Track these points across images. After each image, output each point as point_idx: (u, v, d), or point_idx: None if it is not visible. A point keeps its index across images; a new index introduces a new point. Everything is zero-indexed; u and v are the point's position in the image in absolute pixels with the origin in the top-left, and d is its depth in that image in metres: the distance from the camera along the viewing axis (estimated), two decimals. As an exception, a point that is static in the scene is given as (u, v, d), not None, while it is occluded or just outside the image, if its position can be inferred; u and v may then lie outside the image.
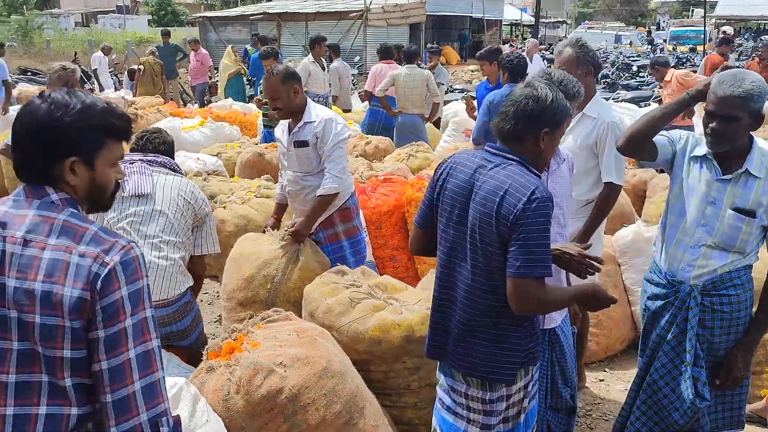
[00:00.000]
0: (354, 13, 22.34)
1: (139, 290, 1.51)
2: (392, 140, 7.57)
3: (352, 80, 16.76)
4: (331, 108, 7.04)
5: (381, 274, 3.94)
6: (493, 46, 7.23)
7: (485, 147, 2.27)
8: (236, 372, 2.46)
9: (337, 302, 3.06)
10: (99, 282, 1.46)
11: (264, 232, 3.90)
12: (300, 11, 24.11)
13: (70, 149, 1.52)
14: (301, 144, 3.73)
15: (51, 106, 1.51)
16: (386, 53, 8.33)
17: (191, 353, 3.20)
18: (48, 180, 1.54)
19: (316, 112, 3.72)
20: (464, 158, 2.28)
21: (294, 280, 3.57)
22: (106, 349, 1.47)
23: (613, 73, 18.39)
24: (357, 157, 6.87)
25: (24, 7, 34.87)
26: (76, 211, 1.55)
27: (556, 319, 2.63)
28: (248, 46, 13.75)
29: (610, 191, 3.22)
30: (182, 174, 3.44)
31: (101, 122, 1.55)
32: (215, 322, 4.74)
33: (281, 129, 3.90)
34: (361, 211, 4.44)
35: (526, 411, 2.35)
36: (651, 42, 30.62)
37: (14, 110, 8.83)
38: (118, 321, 1.48)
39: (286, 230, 3.69)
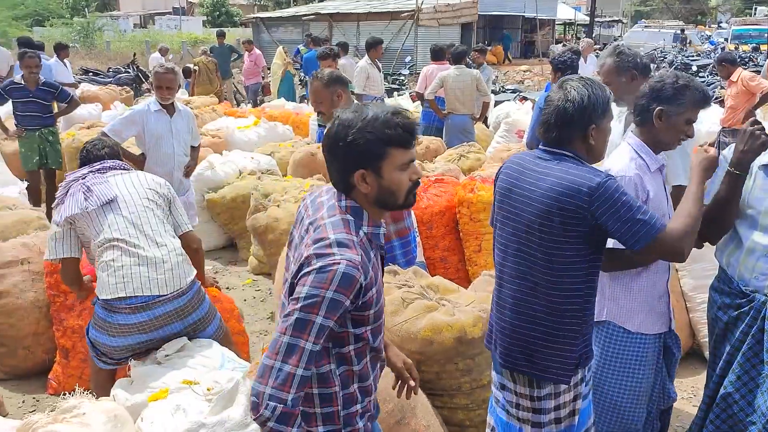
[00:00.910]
0: (405, 14, 22.35)
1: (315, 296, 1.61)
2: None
3: (403, 80, 16.80)
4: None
5: (431, 275, 3.94)
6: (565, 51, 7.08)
7: (539, 147, 2.28)
8: (291, 368, 2.49)
9: (389, 302, 3.07)
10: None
11: None
12: (352, 12, 24.26)
13: (358, 163, 1.70)
14: None
15: (339, 126, 1.72)
16: (438, 54, 8.28)
17: None
18: (346, 187, 1.75)
19: None
20: (519, 159, 2.31)
21: None
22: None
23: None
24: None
25: (86, 9, 36.03)
26: (348, 217, 1.73)
27: (666, 322, 2.61)
28: (300, 46, 13.92)
29: (680, 194, 3.16)
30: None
31: (381, 136, 1.68)
32: (268, 318, 4.82)
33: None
34: (412, 211, 4.44)
35: (578, 411, 2.33)
36: (708, 40, 29.70)
37: (78, 109, 9.15)
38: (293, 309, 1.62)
39: None
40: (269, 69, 13.85)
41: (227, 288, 5.22)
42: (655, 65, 19.86)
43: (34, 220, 4.51)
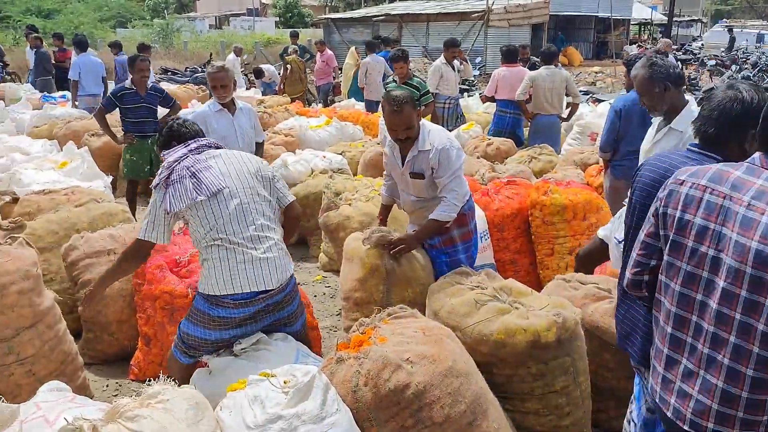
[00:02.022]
0: (475, 14, 22.20)
1: None
2: (519, 144, 7.43)
3: (472, 81, 16.67)
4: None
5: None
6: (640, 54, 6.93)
7: (688, 147, 2.26)
8: (365, 365, 2.53)
9: (462, 303, 3.08)
10: None
11: (363, 242, 3.79)
12: (421, 12, 24.28)
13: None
14: (416, 176, 3.70)
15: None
16: (510, 56, 8.17)
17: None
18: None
19: (430, 139, 3.60)
20: (666, 159, 2.27)
21: (404, 280, 3.63)
22: None
23: (754, 75, 17.15)
24: (478, 158, 6.85)
25: (165, 11, 37.35)
26: None
27: None
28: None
29: None
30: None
31: None
32: (336, 315, 4.89)
33: (391, 146, 3.79)
34: (476, 213, 4.41)
35: None
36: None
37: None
38: None
39: (393, 246, 3.65)
40: (340, 69, 14.01)
41: (297, 284, 5.32)
42: (737, 66, 19.04)
43: (120, 213, 4.73)
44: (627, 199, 2.43)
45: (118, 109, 6.29)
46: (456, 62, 8.65)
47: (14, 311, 3.25)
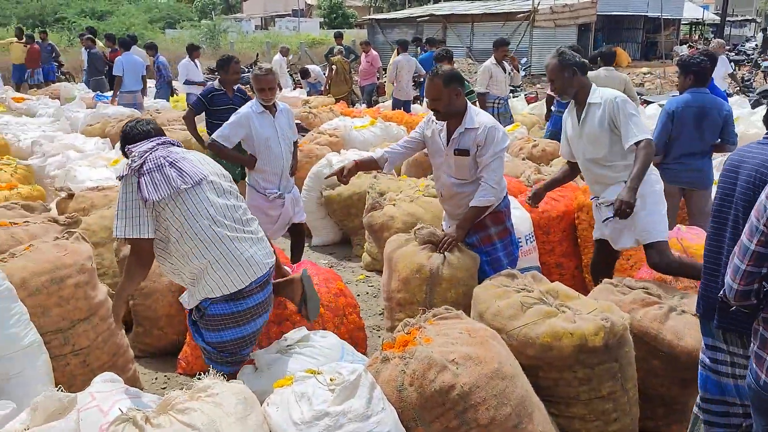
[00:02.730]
0: (521, 14, 22.01)
1: None
2: None
3: (519, 84, 16.52)
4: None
5: (547, 281, 3.87)
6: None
7: (763, 137, 2.35)
8: (410, 365, 2.54)
9: (508, 305, 3.06)
10: None
11: (413, 233, 3.88)
12: (466, 13, 24.18)
13: None
14: (462, 152, 3.72)
15: None
16: None
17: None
18: None
19: (478, 118, 3.68)
20: (739, 150, 2.44)
21: (447, 281, 3.63)
22: None
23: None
24: (523, 159, 6.79)
25: (212, 12, 38.00)
26: None
27: None
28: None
29: (648, 145, 3.56)
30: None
31: None
32: (379, 314, 4.91)
33: (432, 129, 3.87)
34: (522, 214, 4.39)
35: None
36: None
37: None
38: None
39: (441, 243, 3.69)
40: (384, 70, 14.04)
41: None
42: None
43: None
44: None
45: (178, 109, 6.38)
46: (506, 63, 8.59)
47: (70, 303, 3.37)
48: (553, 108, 8.14)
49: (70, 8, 29.69)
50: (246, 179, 4.98)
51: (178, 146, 3.05)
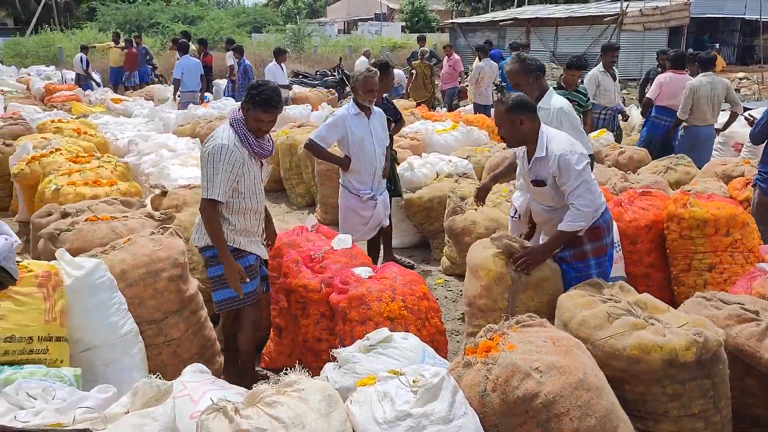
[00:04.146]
0: (608, 18, 21.41)
1: None
2: (673, 153, 7.01)
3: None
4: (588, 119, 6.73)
5: (632, 292, 3.76)
6: None
7: None
8: (493, 371, 2.52)
9: (594, 315, 2.99)
10: None
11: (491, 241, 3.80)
12: (550, 16, 23.74)
13: None
14: (537, 183, 3.66)
15: None
16: (678, 61, 7.67)
17: None
18: None
19: (550, 146, 3.54)
20: None
21: (530, 289, 3.58)
22: None
23: None
24: (609, 167, 6.62)
25: (297, 17, 38.84)
26: None
27: None
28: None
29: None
30: None
31: None
32: (458, 319, 4.89)
33: (521, 150, 3.81)
34: (614, 226, 4.24)
35: None
36: None
37: (290, 109, 9.95)
38: None
39: (518, 261, 3.59)
40: (467, 74, 13.98)
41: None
42: None
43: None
44: None
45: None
46: (615, 70, 8.20)
47: (164, 296, 3.53)
48: (651, 113, 7.81)
49: (164, 14, 31.03)
50: (340, 180, 5.08)
51: None
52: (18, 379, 2.55)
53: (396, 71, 14.83)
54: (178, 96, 11.39)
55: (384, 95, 5.91)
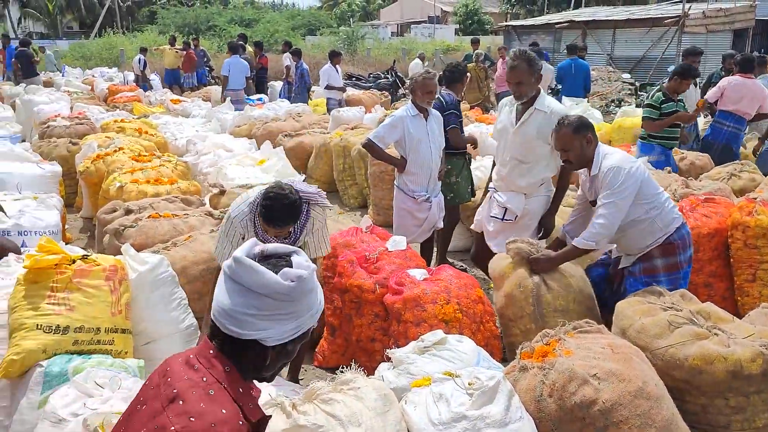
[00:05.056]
0: (669, 20, 20.87)
1: None
2: (733, 160, 6.78)
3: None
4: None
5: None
6: None
7: None
8: (550, 375, 2.50)
9: (654, 323, 2.93)
10: None
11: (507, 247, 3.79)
12: (608, 18, 23.28)
13: None
14: (594, 202, 3.65)
15: None
16: (746, 65, 7.38)
17: None
18: None
19: (604, 162, 3.52)
20: None
21: (555, 289, 3.53)
22: None
23: None
24: (669, 172, 6.45)
25: (351, 19, 39.14)
26: None
27: None
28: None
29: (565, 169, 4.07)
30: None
31: None
32: (511, 324, 4.84)
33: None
34: (690, 245, 4.03)
35: None
36: None
37: (344, 111, 10.04)
38: None
39: (534, 257, 3.60)
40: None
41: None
42: None
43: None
44: None
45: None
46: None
47: (223, 292, 3.61)
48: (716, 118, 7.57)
49: (221, 17, 31.74)
50: (395, 181, 5.11)
51: None
52: (87, 368, 2.66)
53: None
54: (225, 93, 12.00)
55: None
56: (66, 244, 3.69)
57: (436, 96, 4.98)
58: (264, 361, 1.59)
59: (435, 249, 5.63)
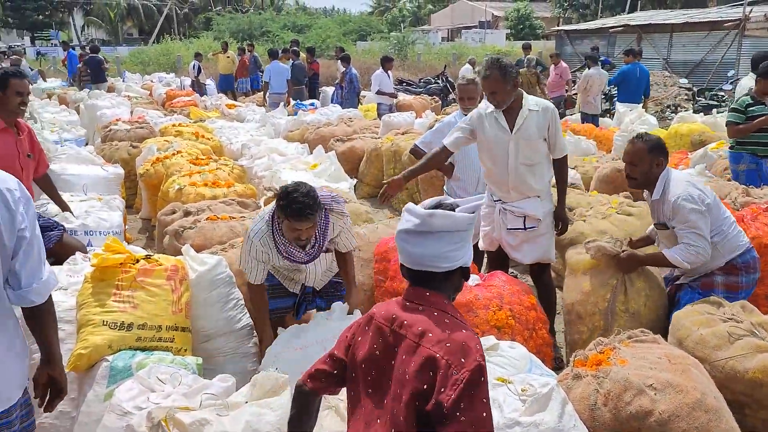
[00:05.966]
0: (729, 23, 20.29)
1: None
2: None
3: (723, 96, 15.30)
4: None
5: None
6: None
7: None
8: (605, 384, 2.49)
9: (713, 334, 2.88)
10: None
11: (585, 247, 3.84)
12: (665, 22, 22.76)
13: None
14: (660, 226, 3.64)
15: None
16: None
17: None
18: None
19: (667, 189, 3.51)
20: None
21: (632, 291, 3.53)
22: None
23: None
24: (729, 180, 6.29)
25: (401, 25, 39.28)
26: None
27: None
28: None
29: (565, 162, 4.24)
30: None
31: None
32: (561, 332, 4.79)
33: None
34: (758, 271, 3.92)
35: None
36: None
37: (394, 116, 10.10)
38: None
39: (617, 253, 3.62)
40: (574, 83, 13.67)
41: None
42: None
43: (363, 214, 5.12)
44: None
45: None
46: None
47: (278, 293, 3.69)
48: None
49: (275, 23, 32.31)
50: (444, 187, 5.12)
51: None
52: (149, 364, 2.76)
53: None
54: (268, 97, 12.57)
55: None
56: (127, 244, 3.84)
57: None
58: (462, 281, 1.97)
59: (485, 255, 5.62)
